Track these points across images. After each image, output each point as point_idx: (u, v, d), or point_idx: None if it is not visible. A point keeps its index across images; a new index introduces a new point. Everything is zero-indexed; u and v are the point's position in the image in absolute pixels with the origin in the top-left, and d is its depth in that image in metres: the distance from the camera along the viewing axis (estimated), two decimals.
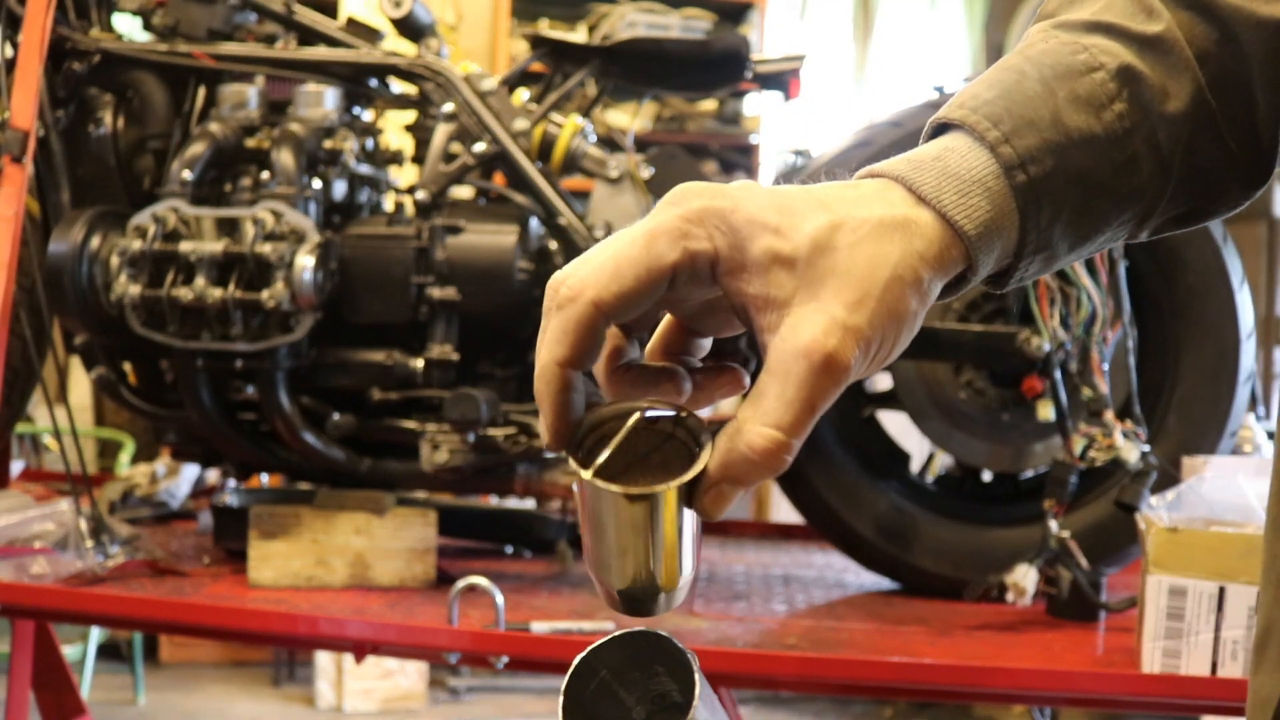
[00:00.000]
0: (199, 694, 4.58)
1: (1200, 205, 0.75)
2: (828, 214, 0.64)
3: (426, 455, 2.25)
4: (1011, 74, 0.71)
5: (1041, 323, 2.14)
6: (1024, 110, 0.68)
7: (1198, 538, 1.79)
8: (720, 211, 0.63)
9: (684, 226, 0.62)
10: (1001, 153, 0.67)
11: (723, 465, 0.63)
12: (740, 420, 0.63)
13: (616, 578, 0.66)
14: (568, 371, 0.63)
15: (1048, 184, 0.68)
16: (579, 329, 0.62)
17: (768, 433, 0.61)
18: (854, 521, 2.36)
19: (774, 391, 0.62)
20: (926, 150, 0.69)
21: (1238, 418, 2.29)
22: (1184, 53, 0.72)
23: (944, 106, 0.71)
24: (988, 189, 0.66)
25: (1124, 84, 0.70)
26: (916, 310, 0.65)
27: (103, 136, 2.34)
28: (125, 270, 2.17)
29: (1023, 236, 0.68)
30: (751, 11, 5.43)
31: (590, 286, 0.62)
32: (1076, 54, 0.71)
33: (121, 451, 4.37)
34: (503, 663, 1.94)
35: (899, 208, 0.65)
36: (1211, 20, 0.72)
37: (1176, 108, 0.71)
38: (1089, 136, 0.69)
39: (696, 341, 0.70)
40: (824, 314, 0.62)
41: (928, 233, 0.65)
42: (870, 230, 0.64)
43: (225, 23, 2.40)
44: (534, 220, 2.33)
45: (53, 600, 2.05)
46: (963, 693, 1.98)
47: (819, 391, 0.62)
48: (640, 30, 4.95)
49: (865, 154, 2.27)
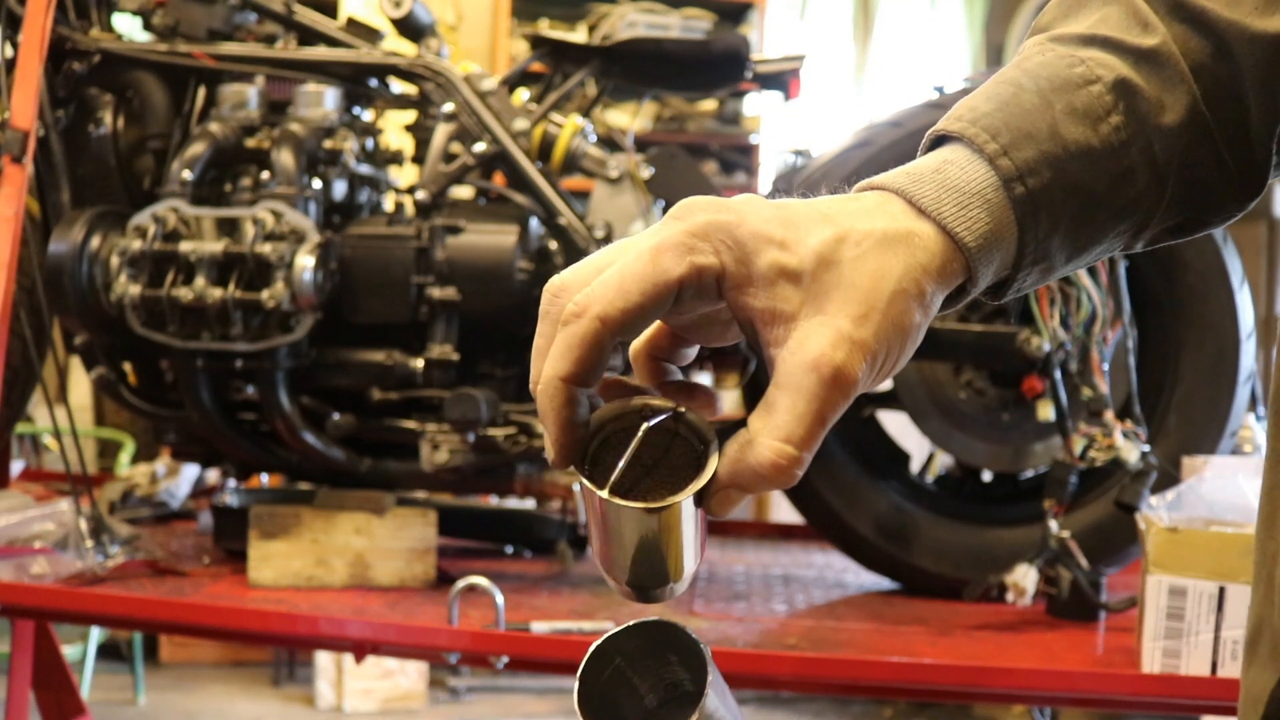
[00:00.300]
0: (199, 694, 4.58)
1: (1195, 216, 0.76)
2: (832, 227, 0.64)
3: (426, 455, 2.25)
4: (1009, 87, 0.71)
5: (1041, 323, 2.14)
6: (1022, 123, 0.69)
7: (1198, 538, 1.80)
8: (725, 226, 0.63)
9: (689, 241, 0.62)
10: (1000, 165, 0.68)
11: (733, 475, 0.63)
12: (752, 432, 0.63)
13: (631, 576, 0.67)
14: (572, 388, 0.63)
15: (1046, 196, 0.68)
16: (585, 346, 0.62)
17: (779, 447, 0.62)
18: (854, 521, 2.36)
19: (784, 405, 0.62)
20: (925, 162, 0.69)
21: (1238, 418, 2.29)
22: (1179, 66, 0.73)
23: (942, 119, 0.71)
24: (987, 201, 0.67)
25: (1120, 97, 0.71)
26: (920, 323, 0.66)
27: (103, 136, 2.34)
28: (125, 270, 2.17)
29: (1021, 248, 0.69)
30: (751, 11, 5.43)
31: (597, 302, 0.62)
32: (1073, 67, 0.72)
33: (121, 451, 4.37)
34: (503, 663, 1.94)
35: (901, 221, 0.66)
36: (1206, 34, 0.73)
37: (1172, 120, 0.72)
38: (1086, 148, 0.69)
39: (682, 350, 0.69)
40: (831, 328, 0.62)
41: (929, 245, 0.65)
42: (874, 243, 0.64)
43: (225, 23, 2.40)
44: (534, 220, 2.33)
45: (53, 600, 2.05)
46: (963, 693, 1.98)
47: (829, 404, 0.62)
48: (640, 30, 4.95)
49: (865, 154, 2.27)
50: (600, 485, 0.63)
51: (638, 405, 0.66)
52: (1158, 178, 0.72)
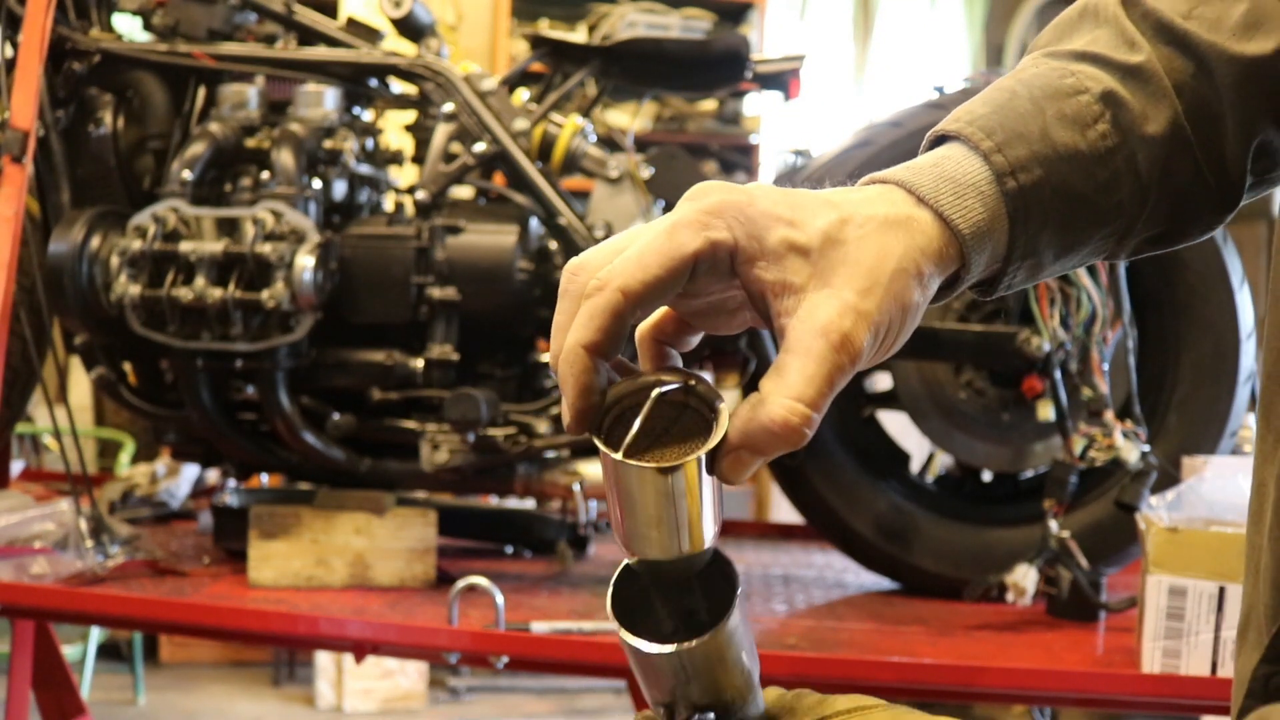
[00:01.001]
0: (199, 694, 4.58)
1: (1174, 227, 0.82)
2: (836, 210, 0.69)
3: (426, 455, 2.25)
4: (1004, 93, 0.77)
5: (1041, 323, 2.14)
6: (1015, 124, 0.75)
7: (1198, 538, 1.80)
8: (737, 204, 0.67)
9: (704, 218, 0.67)
10: (994, 161, 0.73)
11: (744, 434, 0.66)
12: (763, 392, 0.67)
13: (651, 548, 0.69)
14: (593, 356, 0.66)
15: (1036, 193, 0.74)
16: (608, 315, 0.66)
17: (790, 404, 0.66)
18: (854, 521, 2.36)
19: (795, 366, 0.66)
20: (924, 158, 0.75)
21: (1238, 418, 2.29)
22: (1163, 83, 0.79)
23: (941, 121, 0.77)
24: (981, 193, 0.72)
25: (1107, 106, 0.77)
26: (919, 302, 0.70)
27: (103, 136, 2.34)
28: (125, 270, 2.17)
29: (1011, 240, 0.74)
30: (751, 11, 5.43)
31: (618, 275, 0.66)
32: (1064, 78, 0.78)
33: (121, 451, 4.37)
34: (503, 663, 1.94)
35: (901, 207, 0.71)
36: (1189, 55, 0.79)
37: (1155, 131, 0.78)
38: (1074, 152, 0.75)
39: (687, 337, 0.73)
40: (838, 298, 0.67)
41: (928, 230, 0.71)
42: (876, 226, 0.69)
43: (225, 23, 2.40)
44: (534, 220, 2.33)
45: (53, 600, 2.05)
46: (963, 693, 1.97)
47: (837, 368, 0.66)
48: (640, 30, 4.95)
49: (865, 154, 2.27)
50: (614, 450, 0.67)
51: (650, 379, 0.69)
52: (1140, 186, 0.78)
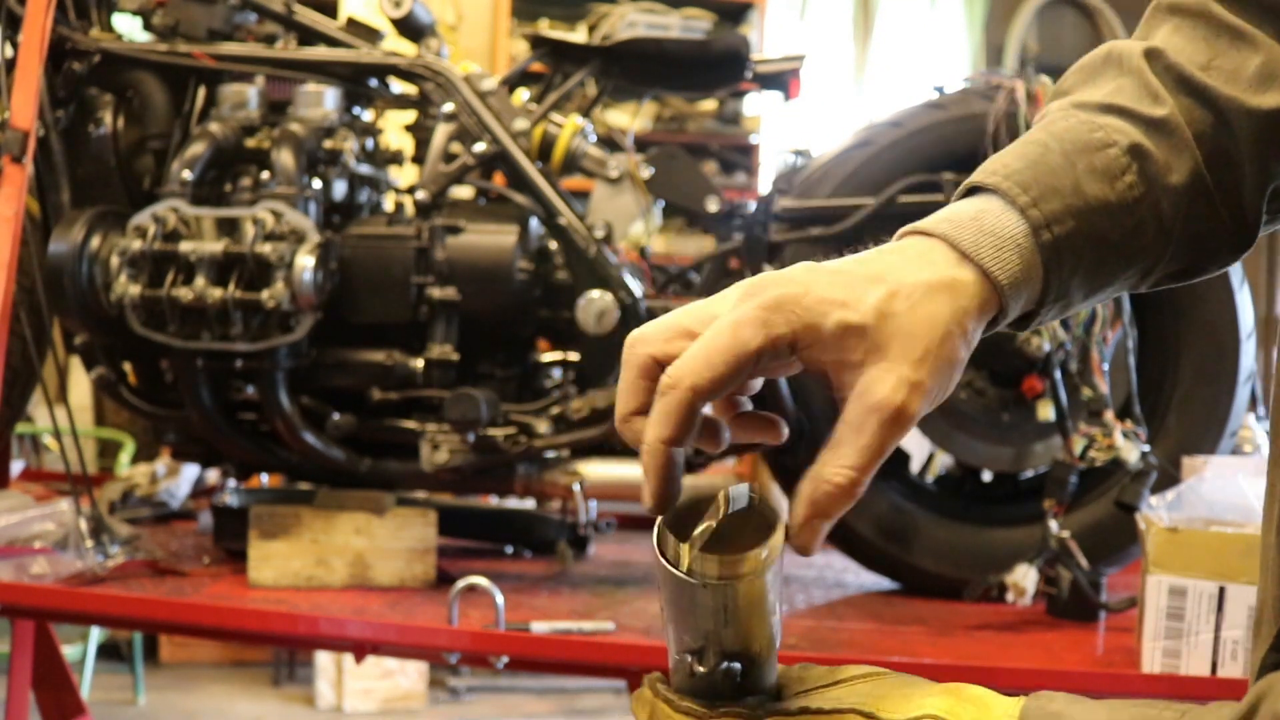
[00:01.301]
0: (199, 694, 4.58)
1: (1194, 264, 0.87)
2: (885, 285, 0.75)
3: (426, 455, 2.25)
4: (1037, 147, 0.82)
5: None
6: (1049, 179, 0.80)
7: (1198, 538, 1.79)
8: (794, 298, 0.73)
9: (764, 315, 0.73)
10: (1031, 215, 0.78)
11: (810, 501, 0.73)
12: (821, 464, 0.74)
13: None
14: (671, 449, 0.73)
15: (1069, 243, 0.79)
16: (680, 412, 0.72)
17: (846, 471, 0.73)
18: (854, 521, 2.36)
19: (849, 441, 0.73)
20: (963, 209, 0.79)
21: (1238, 418, 2.29)
22: (1184, 134, 0.84)
23: (976, 172, 0.82)
24: (1019, 246, 0.78)
25: (1134, 159, 0.82)
26: (965, 357, 0.76)
27: (103, 136, 2.34)
28: (125, 270, 2.17)
29: (1045, 287, 0.79)
30: (751, 11, 5.43)
31: (688, 375, 0.72)
32: (1093, 132, 0.83)
33: (121, 451, 4.37)
34: (503, 663, 1.94)
35: (942, 269, 0.76)
36: (1208, 107, 0.84)
37: (1178, 180, 0.83)
38: (1104, 203, 0.81)
39: (750, 383, 0.79)
40: (893, 372, 0.73)
41: (970, 289, 0.76)
42: (922, 294, 0.75)
43: (225, 23, 2.40)
44: (534, 220, 2.33)
45: (53, 600, 2.05)
46: None
47: (889, 438, 0.74)
48: (640, 30, 4.95)
49: (865, 154, 2.27)
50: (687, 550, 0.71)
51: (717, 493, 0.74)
52: (1164, 230, 0.83)
